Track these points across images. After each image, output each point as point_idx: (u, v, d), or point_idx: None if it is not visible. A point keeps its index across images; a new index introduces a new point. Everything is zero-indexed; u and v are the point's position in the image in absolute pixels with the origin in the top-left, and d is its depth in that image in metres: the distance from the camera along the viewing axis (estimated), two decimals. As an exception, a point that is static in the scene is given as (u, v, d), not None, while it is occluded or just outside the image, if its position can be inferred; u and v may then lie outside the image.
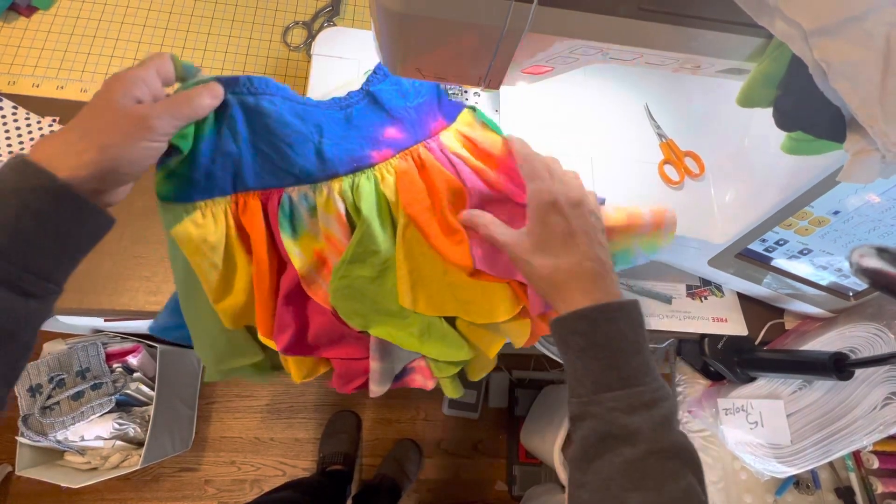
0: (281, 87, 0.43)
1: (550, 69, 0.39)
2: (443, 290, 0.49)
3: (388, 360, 0.51)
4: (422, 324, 0.49)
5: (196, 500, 1.30)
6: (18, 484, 1.24)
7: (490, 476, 1.40)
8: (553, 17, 0.31)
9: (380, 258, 0.47)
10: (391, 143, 0.49)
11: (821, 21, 0.26)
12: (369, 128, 0.48)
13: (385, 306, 0.48)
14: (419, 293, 0.48)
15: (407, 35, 0.34)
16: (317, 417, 1.38)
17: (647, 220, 0.49)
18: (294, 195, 0.46)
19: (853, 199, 0.43)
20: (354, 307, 0.47)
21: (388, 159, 0.48)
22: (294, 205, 0.46)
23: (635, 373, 0.37)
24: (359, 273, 0.47)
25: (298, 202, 0.46)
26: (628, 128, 0.58)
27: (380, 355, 0.50)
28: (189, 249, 0.44)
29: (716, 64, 0.36)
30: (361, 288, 0.47)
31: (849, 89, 0.27)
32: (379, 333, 0.48)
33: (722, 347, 0.60)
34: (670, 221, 0.49)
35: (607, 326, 0.38)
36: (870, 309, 0.55)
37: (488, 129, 0.50)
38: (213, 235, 0.44)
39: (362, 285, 0.47)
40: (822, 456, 0.53)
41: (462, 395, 0.55)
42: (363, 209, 0.46)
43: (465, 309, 0.49)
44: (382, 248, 0.47)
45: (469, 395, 1.40)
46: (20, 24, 0.65)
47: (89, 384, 1.00)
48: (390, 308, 0.48)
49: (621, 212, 0.48)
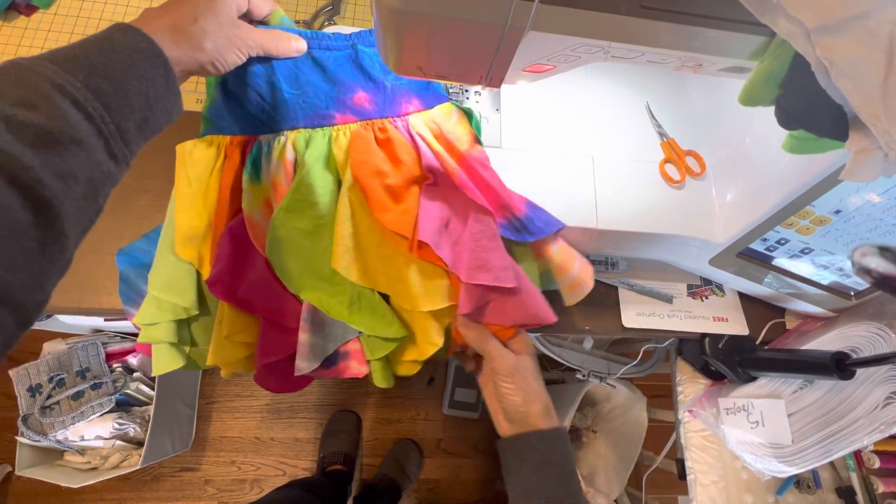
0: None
1: (552, 67, 0.39)
2: (376, 262, 0.48)
3: (319, 335, 0.48)
4: (353, 293, 0.48)
5: (196, 500, 1.30)
6: (18, 484, 1.23)
7: (490, 476, 1.40)
8: (555, 14, 0.31)
9: (317, 212, 0.48)
10: (357, 109, 0.51)
11: (824, 19, 0.26)
12: (342, 85, 0.50)
13: (318, 267, 0.48)
14: (354, 259, 0.48)
15: (407, 33, 0.34)
16: (317, 417, 1.38)
17: (573, 274, 0.52)
18: (263, 143, 0.51)
19: (855, 198, 0.43)
20: (288, 264, 0.48)
21: (347, 124, 0.51)
22: (260, 151, 0.50)
23: (576, 490, 0.44)
24: (295, 224, 0.48)
25: (263, 149, 0.50)
26: (629, 127, 0.58)
27: (311, 327, 0.47)
28: (180, 162, 0.50)
29: (718, 62, 0.36)
30: (297, 242, 0.48)
31: (851, 87, 0.27)
32: (309, 298, 0.48)
33: (723, 347, 0.60)
34: (581, 290, 0.53)
35: (560, 448, 0.45)
36: (871, 308, 0.55)
37: (464, 125, 0.51)
38: (204, 162, 0.50)
39: (298, 239, 0.48)
40: (823, 455, 0.53)
41: (392, 384, 0.51)
42: (307, 157, 0.49)
43: (392, 288, 0.48)
44: (321, 201, 0.49)
45: (469, 395, 1.40)
46: (20, 23, 0.64)
47: (89, 384, 1.00)
48: (322, 270, 0.48)
49: (563, 253, 0.51)
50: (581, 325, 0.60)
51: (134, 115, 0.35)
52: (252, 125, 0.51)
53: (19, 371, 1.01)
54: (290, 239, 0.48)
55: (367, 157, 0.48)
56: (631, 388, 1.06)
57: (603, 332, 0.61)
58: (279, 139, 0.51)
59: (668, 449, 0.85)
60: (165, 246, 0.50)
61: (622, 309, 0.61)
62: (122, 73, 0.34)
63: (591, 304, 0.61)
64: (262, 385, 0.50)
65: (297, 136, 0.50)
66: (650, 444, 1.05)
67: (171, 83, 0.37)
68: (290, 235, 0.48)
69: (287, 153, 0.50)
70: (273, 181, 0.49)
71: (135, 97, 0.34)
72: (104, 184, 0.34)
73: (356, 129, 0.51)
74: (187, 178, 0.50)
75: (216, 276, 0.46)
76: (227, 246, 0.47)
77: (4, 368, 1.04)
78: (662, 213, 0.54)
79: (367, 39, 0.50)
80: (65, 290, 0.54)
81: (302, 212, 0.48)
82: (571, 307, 0.60)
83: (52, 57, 0.32)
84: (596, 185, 0.54)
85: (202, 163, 0.50)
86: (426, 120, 0.52)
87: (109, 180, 0.34)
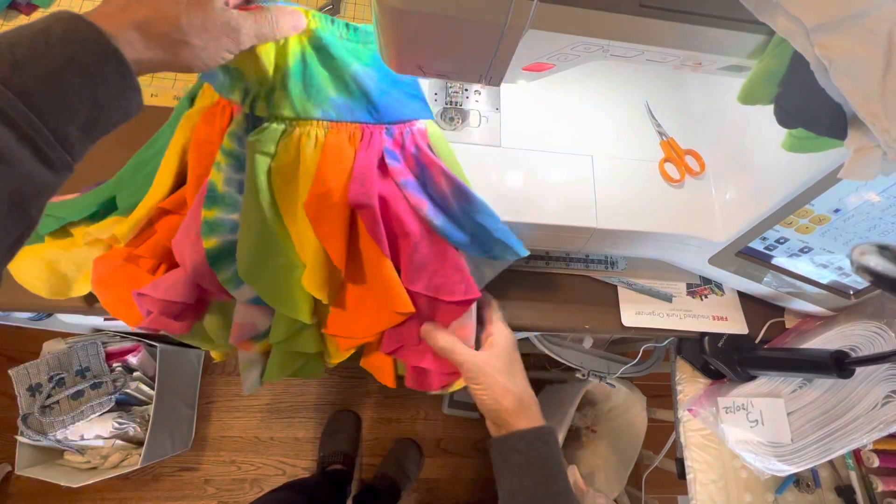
0: None
1: (551, 66, 0.39)
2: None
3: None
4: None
5: (196, 499, 1.30)
6: (18, 483, 1.23)
7: (490, 476, 1.39)
8: (554, 13, 0.31)
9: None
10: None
11: (823, 17, 0.26)
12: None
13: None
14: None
15: (407, 32, 0.34)
16: (317, 417, 1.38)
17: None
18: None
19: (854, 196, 0.43)
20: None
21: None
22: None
23: (562, 491, 0.44)
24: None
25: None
26: (629, 126, 0.58)
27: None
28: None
29: (717, 61, 0.36)
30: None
31: (850, 86, 0.27)
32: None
33: (722, 346, 0.60)
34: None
35: (541, 448, 0.45)
36: (870, 307, 0.55)
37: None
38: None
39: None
40: (823, 454, 0.53)
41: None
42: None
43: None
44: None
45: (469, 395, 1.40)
46: (20, 22, 0.65)
47: (89, 383, 1.00)
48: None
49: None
50: (581, 324, 0.60)
51: (76, 118, 0.30)
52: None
53: (19, 370, 1.01)
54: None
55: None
56: (631, 387, 1.06)
57: (602, 331, 0.61)
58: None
59: (667, 448, 0.85)
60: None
61: (622, 308, 0.61)
62: (56, 70, 0.29)
63: (591, 303, 0.61)
64: None
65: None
66: (650, 443, 1.06)
67: (126, 79, 0.32)
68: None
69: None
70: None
71: (76, 97, 0.29)
72: (36, 195, 0.30)
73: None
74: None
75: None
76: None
77: (4, 368, 1.05)
78: (662, 213, 0.54)
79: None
80: (65, 289, 0.54)
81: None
82: (571, 306, 0.61)
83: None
84: (595, 185, 0.54)
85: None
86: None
87: (44, 190, 0.30)
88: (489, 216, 0.48)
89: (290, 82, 0.45)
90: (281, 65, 0.45)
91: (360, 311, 0.52)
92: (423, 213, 0.48)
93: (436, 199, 0.49)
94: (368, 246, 0.49)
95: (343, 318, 0.52)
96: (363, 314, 0.51)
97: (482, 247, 0.50)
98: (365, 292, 0.51)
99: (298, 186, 0.48)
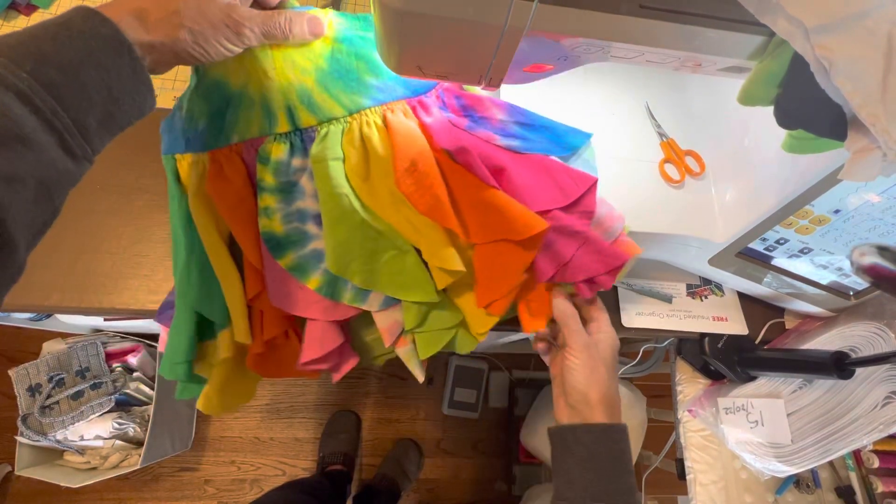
0: None
1: (551, 67, 0.39)
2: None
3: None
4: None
5: (196, 499, 1.30)
6: (18, 483, 1.23)
7: (490, 476, 1.40)
8: (554, 14, 0.31)
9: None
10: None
11: (823, 18, 0.26)
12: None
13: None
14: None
15: (407, 32, 0.34)
16: (317, 417, 1.38)
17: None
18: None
19: (854, 197, 0.43)
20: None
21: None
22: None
23: (626, 490, 0.42)
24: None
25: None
26: (629, 126, 0.58)
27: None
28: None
29: (717, 62, 0.36)
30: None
31: (850, 87, 0.27)
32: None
33: (722, 346, 0.60)
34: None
35: (611, 445, 0.43)
36: (870, 308, 0.55)
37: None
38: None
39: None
40: (823, 455, 0.53)
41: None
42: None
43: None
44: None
45: (469, 395, 1.40)
46: (20, 22, 0.65)
47: (89, 384, 1.00)
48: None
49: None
50: (581, 324, 0.60)
51: (94, 110, 0.31)
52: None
53: (19, 371, 1.01)
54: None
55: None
56: (630, 387, 1.06)
57: (602, 331, 0.61)
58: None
59: (667, 449, 0.85)
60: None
61: (622, 308, 0.61)
62: (77, 63, 0.30)
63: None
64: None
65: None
66: (650, 443, 1.05)
67: (138, 74, 0.33)
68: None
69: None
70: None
71: (94, 89, 0.31)
72: (60, 183, 0.31)
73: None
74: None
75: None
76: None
77: (4, 368, 1.05)
78: (662, 213, 0.54)
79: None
80: (65, 290, 0.54)
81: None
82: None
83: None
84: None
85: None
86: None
87: (66, 179, 0.31)
88: (545, 118, 0.51)
89: (330, 81, 0.45)
90: (312, 67, 0.45)
91: (499, 263, 0.48)
92: (498, 142, 0.49)
93: (497, 127, 0.51)
94: (474, 194, 0.47)
95: (486, 280, 0.49)
96: (502, 265, 0.48)
97: (560, 143, 0.51)
98: (493, 246, 0.48)
99: (380, 176, 0.47)
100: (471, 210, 0.47)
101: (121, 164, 0.59)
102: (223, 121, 0.46)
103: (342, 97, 0.46)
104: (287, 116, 0.46)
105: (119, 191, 0.59)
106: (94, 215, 0.57)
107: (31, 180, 0.29)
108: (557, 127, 0.51)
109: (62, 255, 0.55)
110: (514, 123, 0.51)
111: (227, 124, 0.46)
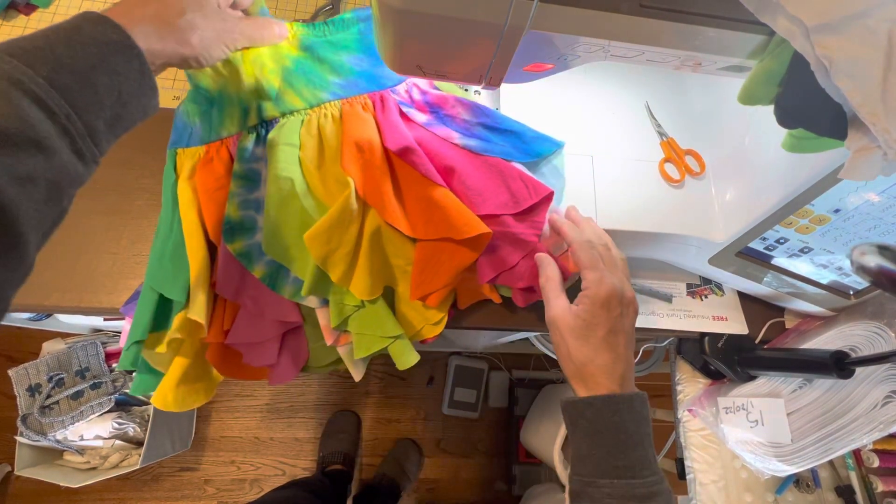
0: None
1: (552, 67, 0.39)
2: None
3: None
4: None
5: (196, 499, 1.30)
6: (18, 484, 1.23)
7: (490, 476, 1.40)
8: (554, 14, 0.31)
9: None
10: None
11: (823, 18, 0.26)
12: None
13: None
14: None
15: (407, 32, 0.34)
16: (317, 417, 1.38)
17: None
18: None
19: (854, 197, 0.43)
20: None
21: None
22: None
23: (633, 464, 0.39)
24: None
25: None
26: (629, 126, 0.58)
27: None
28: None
29: (717, 61, 0.36)
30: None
31: (851, 86, 0.27)
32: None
33: (722, 346, 0.60)
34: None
35: (610, 417, 0.40)
36: (870, 307, 0.55)
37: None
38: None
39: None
40: (823, 454, 0.53)
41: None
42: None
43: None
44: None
45: (469, 395, 1.40)
46: (20, 22, 0.65)
47: (88, 383, 1.00)
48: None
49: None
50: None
51: (104, 113, 0.32)
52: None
53: (18, 371, 1.00)
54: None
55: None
56: (630, 387, 1.05)
57: (602, 331, 0.61)
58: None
59: (667, 448, 0.85)
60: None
61: (622, 308, 0.61)
62: (90, 68, 0.31)
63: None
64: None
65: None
66: (650, 443, 1.05)
67: (146, 78, 0.35)
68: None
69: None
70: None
71: (105, 93, 0.32)
72: (69, 185, 0.32)
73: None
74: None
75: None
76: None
77: (4, 368, 1.04)
78: (662, 213, 0.54)
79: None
80: (64, 289, 0.54)
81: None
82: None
83: (12, 49, 0.30)
84: (595, 185, 0.54)
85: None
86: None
87: (76, 181, 0.32)
88: (513, 122, 0.51)
89: (294, 78, 0.49)
90: (278, 68, 0.49)
91: (437, 260, 0.49)
92: (455, 141, 0.50)
93: (460, 126, 0.51)
94: (419, 191, 0.47)
95: (425, 275, 0.49)
96: (440, 262, 0.48)
97: (525, 150, 0.51)
98: (435, 243, 0.48)
99: (330, 162, 0.49)
100: (415, 205, 0.48)
101: (121, 164, 0.59)
102: (211, 120, 0.50)
103: (304, 91, 0.49)
104: (256, 111, 0.49)
105: (119, 191, 0.59)
106: (94, 215, 0.57)
107: (43, 182, 0.29)
108: (526, 132, 0.51)
109: (62, 254, 0.55)
110: (478, 125, 0.51)
111: (214, 122, 0.50)
